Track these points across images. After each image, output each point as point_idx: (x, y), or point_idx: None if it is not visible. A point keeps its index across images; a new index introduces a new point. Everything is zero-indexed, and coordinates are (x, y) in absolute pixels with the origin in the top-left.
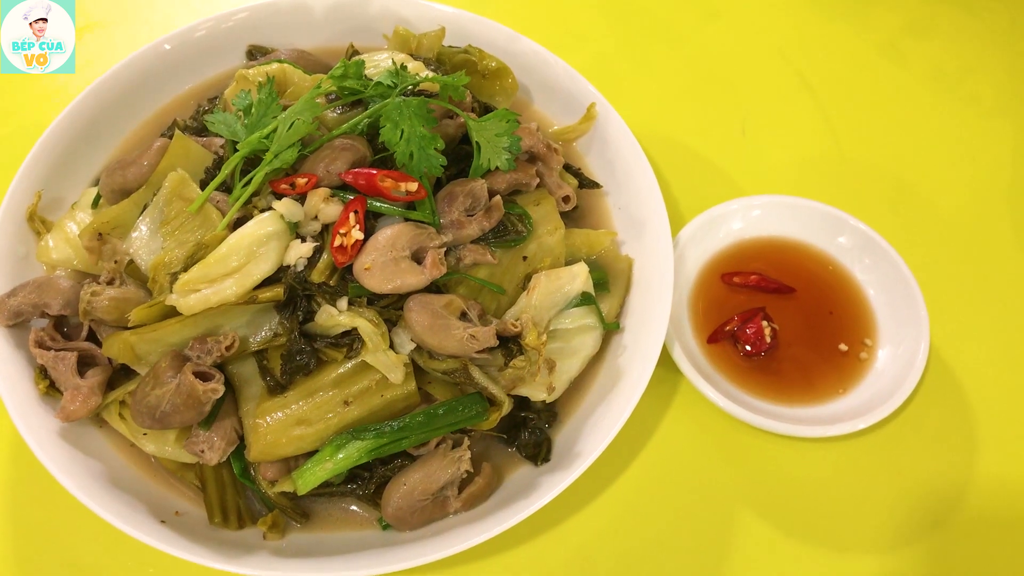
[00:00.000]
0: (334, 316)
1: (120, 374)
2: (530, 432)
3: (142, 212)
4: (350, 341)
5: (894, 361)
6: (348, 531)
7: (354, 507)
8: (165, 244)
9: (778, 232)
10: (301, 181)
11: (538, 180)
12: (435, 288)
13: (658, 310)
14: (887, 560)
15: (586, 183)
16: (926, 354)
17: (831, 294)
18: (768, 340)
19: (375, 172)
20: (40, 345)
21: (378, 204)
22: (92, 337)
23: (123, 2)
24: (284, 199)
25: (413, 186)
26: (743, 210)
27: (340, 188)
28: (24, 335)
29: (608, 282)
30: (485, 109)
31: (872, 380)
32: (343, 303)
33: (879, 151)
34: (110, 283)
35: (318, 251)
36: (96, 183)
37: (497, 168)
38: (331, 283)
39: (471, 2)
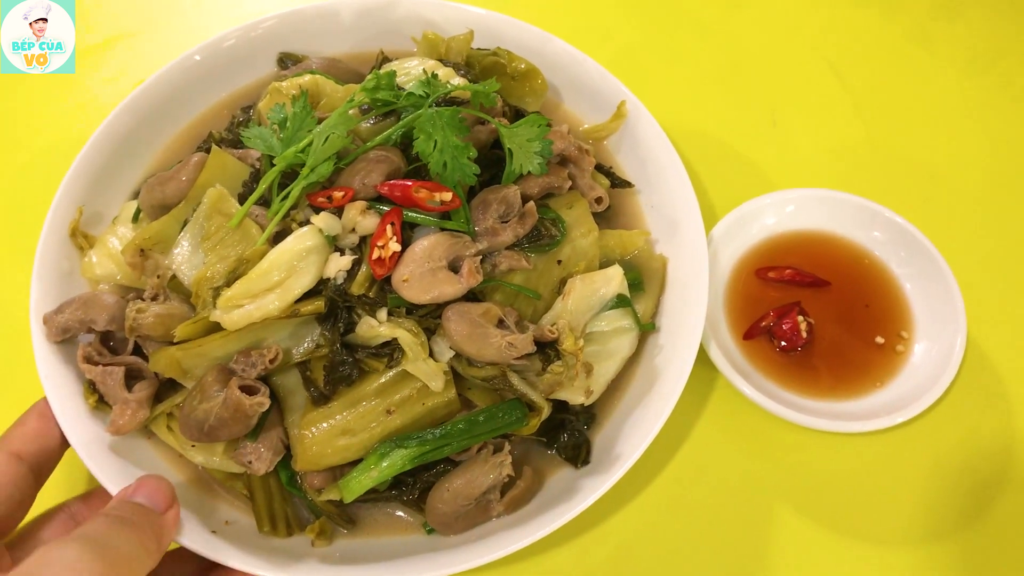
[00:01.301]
0: (374, 327)
1: (167, 387)
2: (569, 434)
3: (183, 227)
4: (391, 351)
5: (931, 354)
6: (394, 536)
7: (399, 512)
8: (207, 259)
9: (812, 226)
10: (338, 195)
11: (570, 183)
12: (472, 296)
13: (694, 310)
14: (925, 553)
15: (618, 182)
16: (963, 347)
17: (866, 287)
18: (804, 335)
19: (410, 184)
20: (88, 360)
21: (414, 215)
22: (138, 351)
23: (149, 13)
24: (322, 213)
25: (447, 196)
26: (776, 205)
27: (376, 200)
28: (72, 351)
29: (643, 282)
30: (516, 113)
31: (909, 373)
32: (383, 314)
33: (910, 139)
34: (154, 299)
35: (357, 263)
36: (135, 196)
37: (529, 172)
38: (370, 295)
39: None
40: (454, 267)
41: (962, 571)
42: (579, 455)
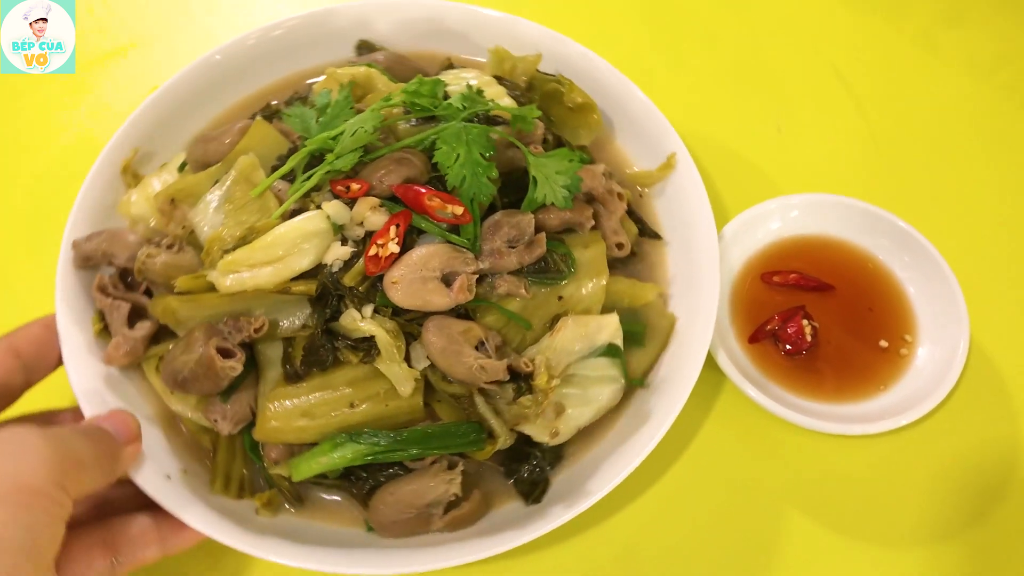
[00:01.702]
0: (355, 321)
1: (166, 332)
2: (530, 470)
3: (213, 186)
4: (368, 347)
5: (935, 357)
6: (335, 525)
7: (346, 504)
8: (225, 221)
9: (816, 230)
10: (355, 187)
11: (593, 222)
12: (463, 312)
13: (689, 365)
14: (932, 555)
15: (648, 233)
16: (966, 350)
17: (870, 291)
18: (809, 339)
19: (423, 191)
20: (101, 290)
21: (422, 221)
22: (150, 293)
23: (155, 22)
24: (334, 201)
25: (459, 210)
26: (781, 209)
27: (390, 199)
28: (92, 279)
29: (644, 336)
30: (557, 142)
31: (913, 376)
32: (368, 310)
33: (915, 145)
34: (169, 247)
35: (356, 256)
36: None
37: (553, 204)
38: (361, 289)
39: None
40: (448, 280)
41: (968, 573)
42: (533, 492)
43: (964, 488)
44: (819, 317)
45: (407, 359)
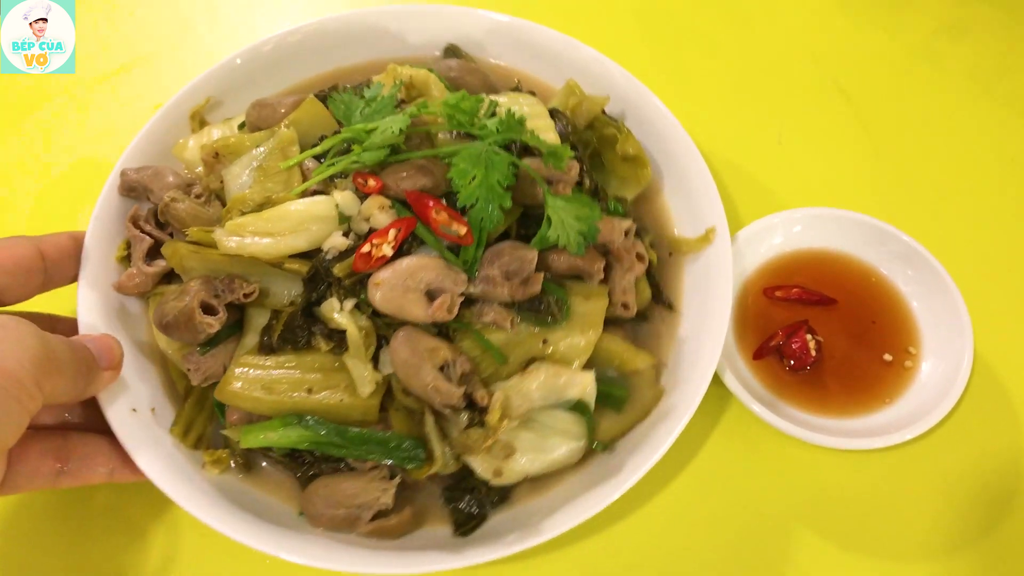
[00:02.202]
0: (332, 310)
1: (177, 276)
2: (471, 502)
3: (253, 151)
4: (340, 339)
5: (939, 370)
6: (274, 499)
7: (288, 484)
8: (252, 186)
9: (818, 244)
10: (372, 183)
11: (603, 276)
12: (443, 330)
13: (655, 447)
14: (940, 569)
15: (662, 301)
16: (971, 363)
17: (872, 304)
18: (813, 353)
19: (432, 203)
20: (133, 221)
21: (424, 232)
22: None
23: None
24: (346, 192)
25: (462, 231)
26: (783, 224)
27: (403, 204)
28: (129, 208)
29: (625, 403)
30: (595, 189)
31: (917, 390)
32: (349, 304)
33: (917, 157)
34: (198, 197)
35: (352, 250)
36: None
37: (565, 247)
38: (347, 282)
39: (500, 4)
40: (433, 295)
41: None
42: (466, 524)
43: (972, 500)
44: (822, 331)
45: (375, 361)
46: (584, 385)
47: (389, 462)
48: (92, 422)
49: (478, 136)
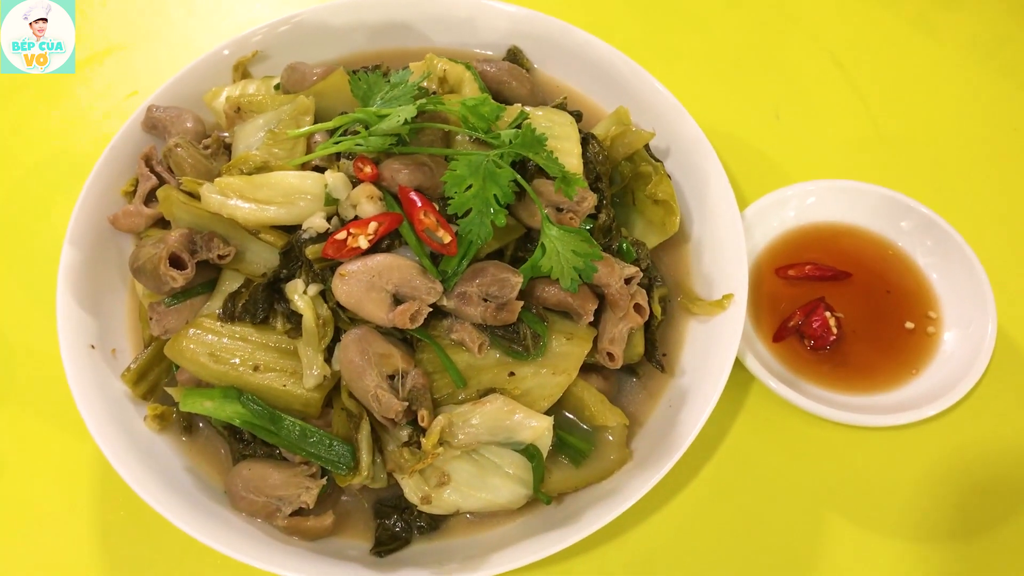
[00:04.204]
0: (294, 291)
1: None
2: (398, 523)
3: (270, 113)
4: (298, 323)
5: (964, 340)
6: (206, 470)
7: (223, 457)
8: (259, 148)
9: (826, 218)
10: (367, 170)
11: (592, 319)
12: (406, 337)
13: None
14: (969, 549)
15: (654, 362)
16: (995, 329)
17: (887, 274)
18: (835, 331)
19: (421, 203)
20: (145, 159)
21: (407, 233)
22: None
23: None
24: (339, 174)
25: (447, 239)
26: (790, 199)
27: (396, 198)
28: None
29: (584, 459)
30: (610, 225)
31: (944, 360)
32: (314, 289)
33: (918, 128)
34: (206, 148)
35: (329, 234)
36: None
37: (557, 280)
38: (317, 267)
39: None
40: (401, 299)
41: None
42: (386, 544)
43: (1001, 478)
44: (839, 307)
45: (329, 354)
46: (539, 429)
47: (317, 463)
48: None
49: (491, 144)
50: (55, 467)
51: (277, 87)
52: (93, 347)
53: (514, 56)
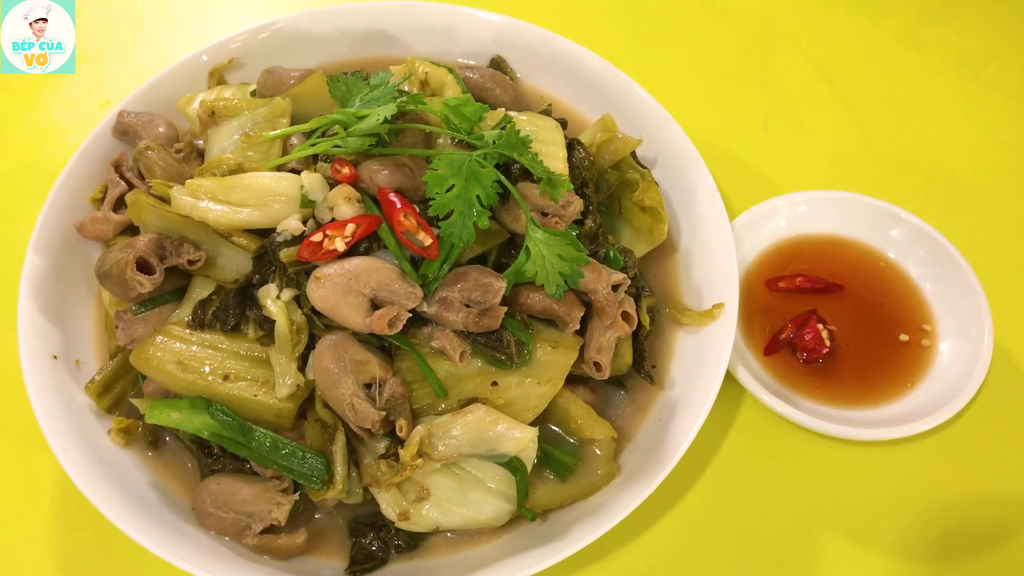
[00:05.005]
0: (267, 296)
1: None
2: (375, 541)
3: (244, 116)
4: (271, 329)
5: (959, 351)
6: (174, 486)
7: (191, 472)
8: (233, 150)
9: (815, 230)
10: (345, 171)
11: (578, 327)
12: (384, 345)
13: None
14: (967, 567)
15: (643, 372)
16: (991, 342)
17: (880, 286)
18: (828, 344)
19: (400, 205)
20: (115, 166)
21: (386, 235)
22: None
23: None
24: (315, 175)
25: (428, 241)
26: (783, 209)
27: (375, 200)
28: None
29: (570, 473)
30: (596, 232)
31: (939, 373)
32: (288, 294)
33: (907, 141)
34: (178, 152)
35: (305, 236)
36: None
37: (542, 286)
38: (291, 271)
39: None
40: (379, 304)
41: None
42: (361, 564)
43: (1001, 495)
44: (831, 319)
45: (303, 363)
46: (523, 441)
47: (290, 478)
48: None
49: (474, 146)
50: (13, 483)
51: (253, 93)
52: (56, 358)
53: (497, 65)
